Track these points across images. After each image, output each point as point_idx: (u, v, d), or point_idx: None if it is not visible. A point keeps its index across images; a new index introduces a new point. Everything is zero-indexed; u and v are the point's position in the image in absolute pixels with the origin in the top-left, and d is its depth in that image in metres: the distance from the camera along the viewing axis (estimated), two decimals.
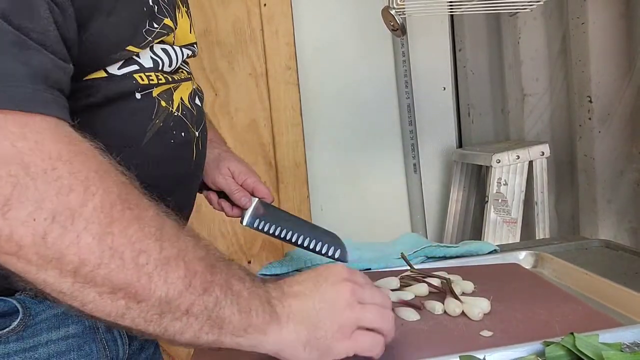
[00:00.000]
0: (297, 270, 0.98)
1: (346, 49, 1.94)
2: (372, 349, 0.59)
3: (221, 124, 1.84)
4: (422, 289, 0.81)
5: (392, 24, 1.34)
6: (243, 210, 0.92)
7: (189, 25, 0.78)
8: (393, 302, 0.68)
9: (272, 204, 0.94)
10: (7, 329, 0.61)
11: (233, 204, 0.94)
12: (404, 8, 1.32)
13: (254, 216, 0.91)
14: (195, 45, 0.80)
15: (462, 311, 0.73)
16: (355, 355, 0.59)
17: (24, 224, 0.45)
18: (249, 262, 1.94)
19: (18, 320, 0.62)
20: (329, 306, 0.58)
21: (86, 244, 0.46)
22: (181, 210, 0.69)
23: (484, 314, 0.72)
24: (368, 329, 0.59)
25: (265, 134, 1.90)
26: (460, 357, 0.59)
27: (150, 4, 0.65)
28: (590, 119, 1.55)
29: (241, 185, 0.93)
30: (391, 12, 1.31)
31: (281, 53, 1.86)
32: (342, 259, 0.85)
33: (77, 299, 0.48)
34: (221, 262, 0.55)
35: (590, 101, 1.54)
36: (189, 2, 0.82)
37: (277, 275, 0.98)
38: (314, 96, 1.94)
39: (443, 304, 0.75)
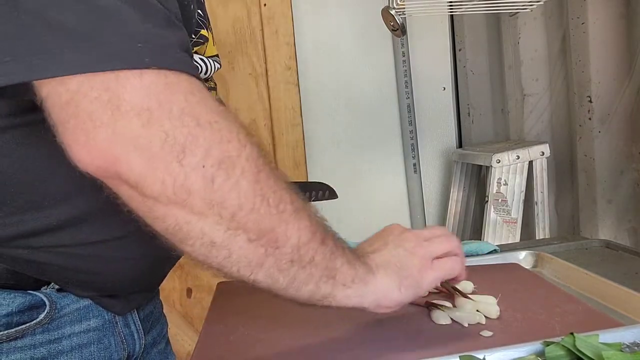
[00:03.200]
0: None
1: (346, 49, 1.94)
2: (455, 268, 0.67)
3: None
4: None
5: (392, 24, 1.34)
6: None
7: (211, 38, 0.81)
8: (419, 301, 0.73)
9: None
10: (34, 321, 0.64)
11: None
12: (404, 8, 1.32)
13: None
14: (218, 57, 0.82)
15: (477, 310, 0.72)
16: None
17: (196, 170, 0.49)
18: None
19: (45, 313, 0.64)
20: (403, 250, 0.65)
21: (243, 189, 0.51)
22: None
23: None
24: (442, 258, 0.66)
25: (265, 134, 1.90)
26: (460, 357, 0.59)
27: (196, 16, 0.69)
28: (590, 119, 1.55)
29: None
30: (391, 12, 1.31)
31: (281, 53, 1.87)
32: (333, 196, 0.89)
33: (226, 248, 0.52)
34: (324, 220, 0.60)
35: (590, 101, 1.54)
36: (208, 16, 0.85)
37: None
38: (314, 96, 1.94)
39: (454, 306, 0.74)
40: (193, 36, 0.68)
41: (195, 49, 0.70)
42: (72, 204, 0.61)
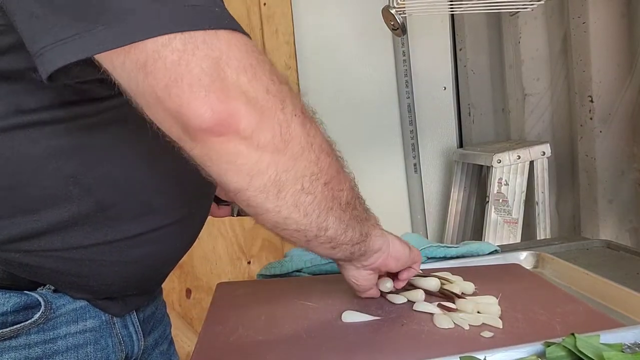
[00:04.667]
0: (297, 271, 0.97)
1: (346, 49, 1.94)
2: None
3: None
4: (432, 283, 0.81)
5: (392, 23, 1.34)
6: (231, 203, 0.92)
7: None
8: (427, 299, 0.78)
9: None
10: (29, 321, 0.64)
11: (219, 202, 0.94)
12: (404, 7, 1.32)
13: None
14: None
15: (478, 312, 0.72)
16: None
17: (294, 118, 0.54)
18: (249, 263, 1.94)
19: (40, 313, 0.64)
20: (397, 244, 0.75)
21: (319, 137, 0.58)
22: (200, 213, 0.74)
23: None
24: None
25: None
26: (460, 357, 0.58)
27: None
28: (591, 118, 1.55)
29: None
30: (391, 11, 1.31)
31: (281, 52, 1.86)
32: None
33: (311, 193, 0.58)
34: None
35: (592, 101, 1.54)
36: None
37: (277, 275, 0.98)
38: (314, 96, 1.93)
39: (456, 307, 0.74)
40: None
41: None
42: (61, 208, 0.61)
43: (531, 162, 1.65)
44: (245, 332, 0.72)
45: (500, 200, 1.64)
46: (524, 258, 0.98)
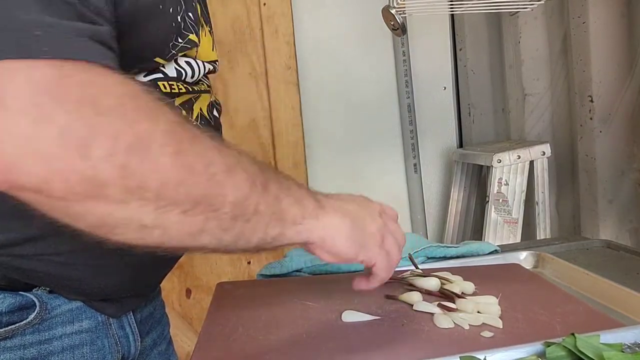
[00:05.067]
0: (297, 271, 0.97)
1: (346, 49, 1.94)
2: (388, 268, 0.67)
3: None
4: (432, 282, 0.81)
5: (392, 23, 1.34)
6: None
7: (211, 44, 0.80)
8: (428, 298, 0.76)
9: None
10: (24, 322, 0.63)
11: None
12: (404, 7, 1.32)
13: None
14: (216, 63, 0.82)
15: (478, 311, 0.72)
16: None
17: (104, 161, 0.45)
18: (249, 263, 1.94)
19: (34, 313, 0.64)
20: (365, 212, 0.65)
21: (164, 165, 0.48)
22: None
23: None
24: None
25: (265, 134, 1.90)
26: (460, 357, 0.58)
27: (179, 20, 0.67)
28: (591, 118, 1.55)
29: None
30: (391, 11, 1.31)
31: (281, 52, 1.86)
32: None
33: (159, 227, 0.50)
34: (266, 164, 0.60)
35: (592, 101, 1.54)
36: (211, 22, 0.84)
37: (277, 275, 0.98)
38: (314, 96, 1.93)
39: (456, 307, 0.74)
40: (180, 40, 0.67)
41: (183, 52, 0.69)
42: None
43: (531, 162, 1.65)
44: (245, 332, 0.72)
45: (500, 200, 1.63)
46: (524, 258, 0.97)
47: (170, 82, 0.68)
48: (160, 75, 0.66)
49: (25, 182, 0.44)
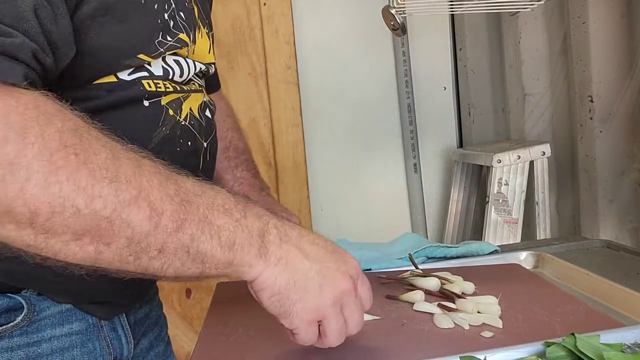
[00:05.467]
0: None
1: (346, 49, 1.94)
2: (309, 341, 0.59)
3: None
4: (432, 282, 0.81)
5: (392, 23, 1.34)
6: None
7: (208, 46, 0.79)
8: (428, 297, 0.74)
9: None
10: (11, 324, 0.63)
11: None
12: (404, 7, 1.32)
13: None
14: (212, 65, 0.81)
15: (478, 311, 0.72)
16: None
17: None
18: None
19: (22, 315, 0.64)
20: (319, 283, 0.56)
21: (32, 195, 0.45)
22: None
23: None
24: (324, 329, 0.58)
25: (265, 134, 1.90)
26: (460, 357, 0.58)
27: (166, 18, 0.66)
28: (591, 118, 1.55)
29: None
30: (391, 11, 1.31)
31: (281, 52, 1.86)
32: None
33: (45, 250, 0.48)
34: (200, 197, 0.53)
35: (592, 101, 1.53)
36: (212, 25, 0.84)
37: None
38: (314, 96, 1.93)
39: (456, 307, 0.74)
40: (169, 39, 0.67)
41: (172, 51, 0.68)
42: None
43: (531, 162, 1.65)
44: (245, 332, 0.72)
45: (500, 200, 1.63)
46: (524, 258, 0.98)
47: (155, 81, 0.67)
48: (145, 73, 0.66)
49: None
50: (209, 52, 0.80)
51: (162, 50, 0.66)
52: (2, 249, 0.57)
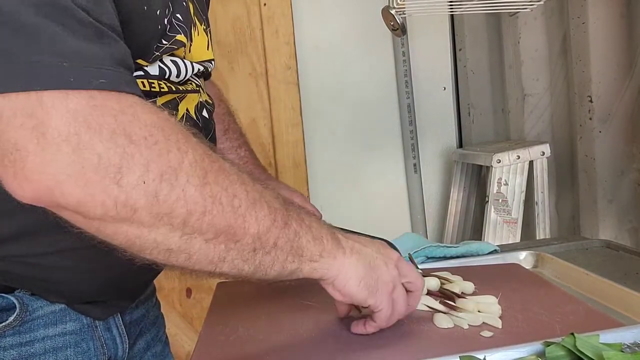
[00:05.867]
0: None
1: (346, 49, 1.94)
2: (390, 318, 0.67)
3: None
4: (432, 282, 0.81)
5: (392, 23, 1.34)
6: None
7: (206, 42, 0.79)
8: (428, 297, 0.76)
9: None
10: (3, 324, 0.63)
11: None
12: (404, 8, 1.32)
13: None
14: (211, 62, 0.81)
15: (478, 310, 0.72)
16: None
17: (136, 188, 0.49)
18: None
19: (14, 315, 0.64)
20: (382, 261, 0.66)
21: (191, 196, 0.51)
22: None
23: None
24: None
25: (265, 134, 1.90)
26: (460, 357, 0.58)
27: (165, 23, 0.66)
28: (590, 118, 1.55)
29: None
30: (391, 11, 1.31)
31: (281, 53, 1.86)
32: None
33: (184, 252, 0.53)
34: (289, 202, 0.62)
35: (591, 101, 1.54)
36: (209, 20, 0.83)
37: None
38: (314, 96, 1.93)
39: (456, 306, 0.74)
40: (165, 42, 0.66)
41: (168, 53, 0.68)
42: (22, 216, 0.60)
43: (531, 162, 1.65)
44: (245, 332, 0.72)
45: (500, 200, 1.64)
46: (523, 258, 0.98)
47: (150, 81, 0.67)
48: (140, 72, 0.66)
49: (65, 203, 0.48)
50: (207, 49, 0.79)
51: (158, 54, 0.66)
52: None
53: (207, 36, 0.79)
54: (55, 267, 0.64)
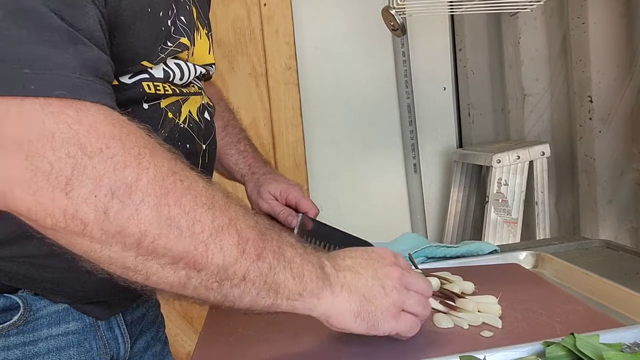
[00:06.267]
0: None
1: (346, 49, 1.94)
2: (411, 331, 0.63)
3: None
4: (432, 282, 0.81)
5: (392, 23, 1.34)
6: (291, 228, 0.93)
7: (208, 46, 0.79)
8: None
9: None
10: (7, 323, 0.63)
11: (283, 225, 0.95)
12: (404, 8, 1.32)
13: (301, 233, 0.93)
14: (213, 66, 0.81)
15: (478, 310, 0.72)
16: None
17: (86, 201, 0.47)
18: None
19: (18, 315, 0.64)
20: (380, 285, 0.61)
21: (145, 216, 0.48)
22: None
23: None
24: (409, 312, 0.63)
25: (265, 134, 1.90)
26: (460, 357, 0.58)
27: (169, 24, 0.66)
28: (590, 118, 1.55)
29: (286, 204, 0.95)
30: (391, 12, 1.31)
31: (281, 53, 1.86)
32: None
33: (140, 273, 0.51)
34: (271, 231, 0.57)
35: (591, 101, 1.54)
36: (211, 25, 0.83)
37: None
38: (314, 96, 1.94)
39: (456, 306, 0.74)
40: (170, 44, 0.66)
41: (173, 55, 0.68)
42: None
43: (531, 162, 1.65)
44: (245, 332, 0.72)
45: (500, 200, 1.64)
46: (523, 258, 0.98)
47: (155, 83, 0.67)
48: (146, 75, 0.66)
49: (16, 209, 0.47)
50: (209, 53, 0.79)
51: (163, 56, 0.66)
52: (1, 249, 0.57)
53: (209, 40, 0.80)
54: (59, 268, 0.64)
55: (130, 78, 0.64)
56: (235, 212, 0.54)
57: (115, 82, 0.63)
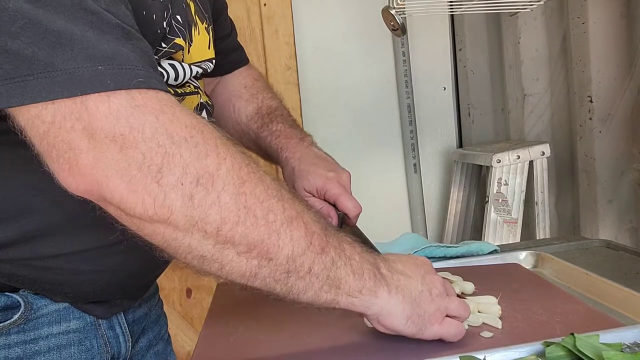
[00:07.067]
0: None
1: (346, 49, 1.94)
2: (458, 335, 0.65)
3: None
4: None
5: (392, 23, 1.34)
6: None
7: (207, 41, 0.79)
8: None
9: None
10: (8, 321, 0.64)
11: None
12: (404, 8, 1.32)
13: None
14: (212, 62, 0.80)
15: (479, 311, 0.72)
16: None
17: (174, 189, 0.49)
18: None
19: (19, 313, 0.64)
20: (428, 290, 0.63)
21: (225, 203, 0.51)
22: None
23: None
24: (451, 317, 0.65)
25: None
26: (460, 357, 0.58)
27: (164, 26, 0.66)
28: (590, 118, 1.55)
29: (325, 199, 0.92)
30: (391, 11, 1.31)
31: (281, 53, 1.86)
32: None
33: (216, 261, 0.53)
34: (331, 228, 0.59)
35: (591, 101, 1.54)
36: (212, 18, 0.82)
37: None
38: (314, 96, 1.93)
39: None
40: (164, 45, 0.66)
41: (167, 57, 0.68)
42: (29, 219, 0.61)
43: (531, 162, 1.65)
44: (245, 332, 0.73)
45: (500, 200, 1.64)
46: (523, 258, 0.98)
47: None
48: None
49: (110, 198, 0.50)
50: (209, 48, 0.79)
51: (157, 57, 0.66)
52: (3, 251, 0.57)
53: (209, 35, 0.79)
54: (60, 270, 0.64)
55: None
56: (301, 206, 0.57)
57: None
